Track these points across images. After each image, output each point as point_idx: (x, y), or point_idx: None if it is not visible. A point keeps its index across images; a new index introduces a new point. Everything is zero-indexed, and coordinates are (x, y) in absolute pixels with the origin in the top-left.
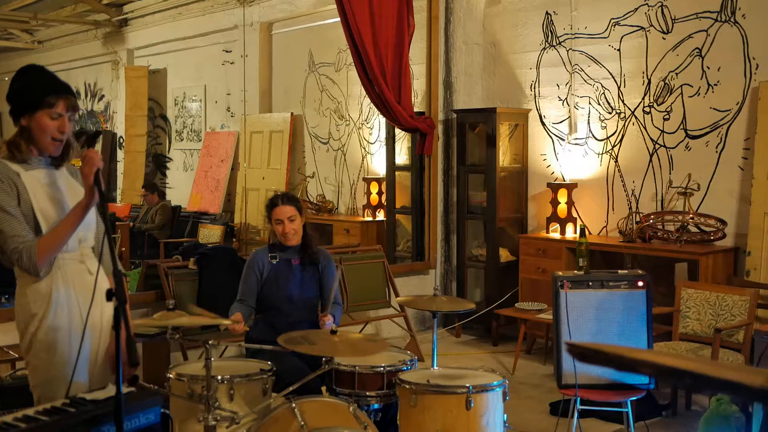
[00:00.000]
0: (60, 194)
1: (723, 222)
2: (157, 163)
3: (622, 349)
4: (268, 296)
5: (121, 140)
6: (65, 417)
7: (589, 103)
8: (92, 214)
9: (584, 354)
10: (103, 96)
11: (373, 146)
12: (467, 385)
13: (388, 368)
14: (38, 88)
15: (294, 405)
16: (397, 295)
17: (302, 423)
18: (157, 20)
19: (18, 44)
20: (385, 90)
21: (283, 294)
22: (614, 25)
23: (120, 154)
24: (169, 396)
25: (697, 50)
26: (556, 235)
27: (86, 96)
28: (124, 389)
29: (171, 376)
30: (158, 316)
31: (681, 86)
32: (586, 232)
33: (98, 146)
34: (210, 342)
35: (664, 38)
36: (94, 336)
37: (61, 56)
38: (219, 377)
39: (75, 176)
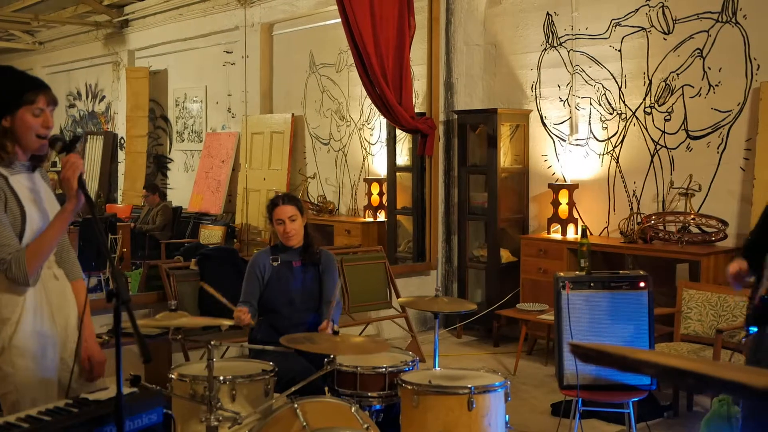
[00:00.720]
0: (41, 199)
1: (724, 223)
2: (158, 163)
3: (625, 350)
4: (270, 299)
5: (122, 141)
6: (68, 417)
7: (590, 103)
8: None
9: (587, 355)
10: (104, 97)
11: (374, 147)
12: (469, 385)
13: (389, 369)
14: (15, 87)
15: (296, 405)
16: (398, 296)
17: (304, 423)
18: (158, 21)
19: (19, 45)
20: (386, 91)
21: (285, 296)
22: (615, 26)
23: (121, 155)
24: (171, 396)
25: (698, 51)
26: (557, 236)
27: (87, 97)
28: (127, 390)
29: (173, 376)
30: (160, 316)
31: (682, 87)
32: (588, 233)
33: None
34: (212, 343)
35: (665, 39)
36: (63, 341)
37: (62, 57)
38: (221, 378)
39: (45, 179)
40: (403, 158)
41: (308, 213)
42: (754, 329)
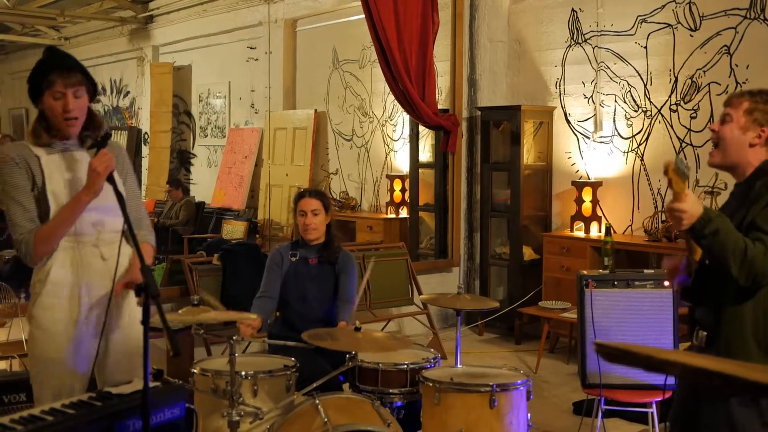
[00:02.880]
0: (78, 179)
1: None
2: (182, 159)
3: (650, 350)
4: (285, 293)
5: (146, 136)
6: (91, 411)
7: (615, 100)
8: (111, 200)
9: (612, 354)
10: (128, 92)
11: (397, 143)
12: (491, 383)
13: (411, 366)
14: (42, 69)
15: (317, 401)
16: (420, 293)
17: (325, 419)
18: (182, 17)
19: (45, 41)
20: (410, 87)
21: (299, 292)
22: (641, 23)
23: (145, 150)
24: (193, 391)
25: (726, 48)
26: (581, 234)
27: (112, 92)
28: (150, 384)
29: (195, 371)
30: (183, 311)
31: (708, 84)
32: (611, 231)
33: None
34: (234, 338)
35: (691, 35)
36: (111, 330)
37: (87, 53)
38: (243, 373)
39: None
40: (425, 155)
41: (333, 211)
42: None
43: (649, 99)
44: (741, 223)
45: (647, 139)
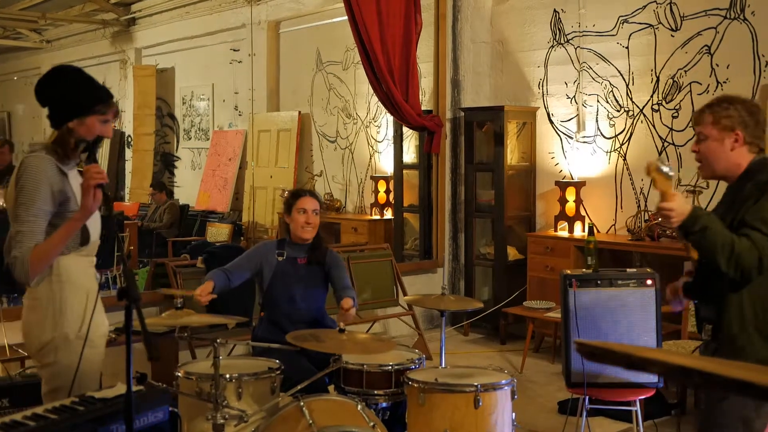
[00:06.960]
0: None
1: None
2: (165, 161)
3: (630, 348)
4: (272, 294)
5: (129, 139)
6: (74, 415)
7: (598, 101)
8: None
9: (593, 353)
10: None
11: (381, 144)
12: (475, 383)
13: (396, 367)
14: (89, 95)
15: (302, 403)
16: (405, 294)
17: (310, 421)
18: (165, 19)
19: (26, 44)
20: (393, 88)
21: (287, 292)
22: (622, 23)
23: (128, 153)
24: (177, 394)
25: (706, 48)
26: (564, 234)
27: None
28: (134, 388)
29: (179, 374)
30: (167, 314)
31: (690, 84)
32: (595, 231)
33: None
34: (218, 340)
35: (672, 36)
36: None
37: (69, 55)
38: (227, 376)
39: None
40: (409, 156)
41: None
42: None
43: (631, 99)
44: (732, 221)
45: (630, 138)
